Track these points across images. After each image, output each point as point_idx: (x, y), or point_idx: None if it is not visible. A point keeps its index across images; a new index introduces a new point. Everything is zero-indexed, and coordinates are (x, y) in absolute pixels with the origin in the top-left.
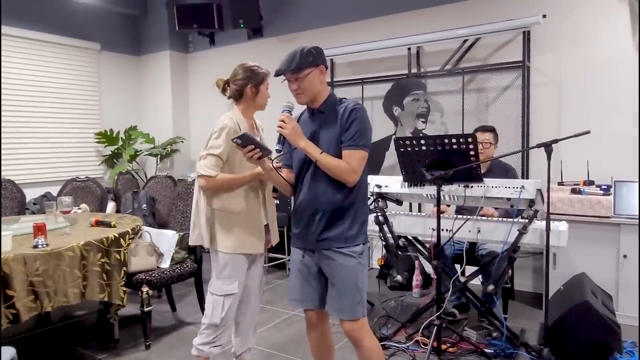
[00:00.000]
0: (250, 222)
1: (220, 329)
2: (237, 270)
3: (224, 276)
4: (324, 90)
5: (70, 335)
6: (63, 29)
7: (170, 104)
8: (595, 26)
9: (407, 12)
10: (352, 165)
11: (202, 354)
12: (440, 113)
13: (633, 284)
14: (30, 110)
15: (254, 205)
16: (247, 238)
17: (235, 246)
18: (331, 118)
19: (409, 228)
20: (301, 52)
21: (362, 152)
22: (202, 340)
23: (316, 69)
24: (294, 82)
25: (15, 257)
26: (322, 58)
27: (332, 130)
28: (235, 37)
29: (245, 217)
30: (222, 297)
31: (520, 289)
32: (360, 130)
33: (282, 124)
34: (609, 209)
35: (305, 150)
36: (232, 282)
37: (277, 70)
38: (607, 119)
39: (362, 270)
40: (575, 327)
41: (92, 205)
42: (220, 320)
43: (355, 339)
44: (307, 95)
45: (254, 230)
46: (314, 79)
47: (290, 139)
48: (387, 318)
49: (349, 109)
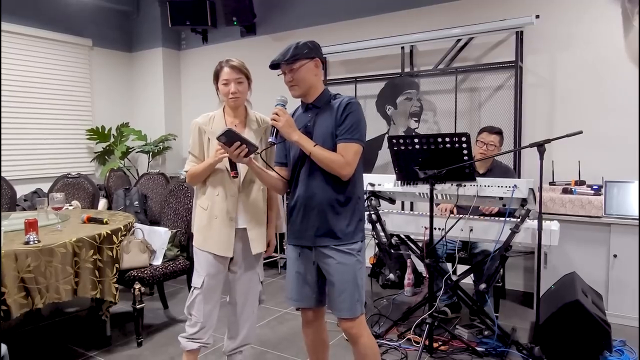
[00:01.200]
0: (213, 220)
1: (195, 326)
2: (202, 265)
3: (195, 268)
4: (318, 84)
5: (62, 332)
6: (55, 24)
7: (163, 101)
8: (587, 27)
9: (401, 11)
10: (347, 158)
11: (181, 346)
12: (433, 112)
13: (623, 284)
14: (21, 106)
15: (221, 204)
16: (210, 236)
17: (199, 242)
18: (325, 112)
19: (402, 226)
20: (297, 44)
21: (356, 146)
22: (183, 334)
23: (311, 61)
24: (288, 73)
25: (6, 254)
26: (317, 52)
27: (326, 125)
28: (228, 35)
29: (209, 214)
30: (192, 287)
31: (512, 288)
32: (355, 123)
33: (275, 117)
34: (600, 209)
35: (298, 143)
36: (199, 277)
37: (272, 61)
38: (599, 120)
39: (360, 267)
40: (565, 326)
41: (84, 202)
42: (186, 309)
43: (354, 336)
44: (301, 87)
45: (217, 230)
46: (309, 71)
47: (283, 132)
48: (379, 316)
49: (343, 103)
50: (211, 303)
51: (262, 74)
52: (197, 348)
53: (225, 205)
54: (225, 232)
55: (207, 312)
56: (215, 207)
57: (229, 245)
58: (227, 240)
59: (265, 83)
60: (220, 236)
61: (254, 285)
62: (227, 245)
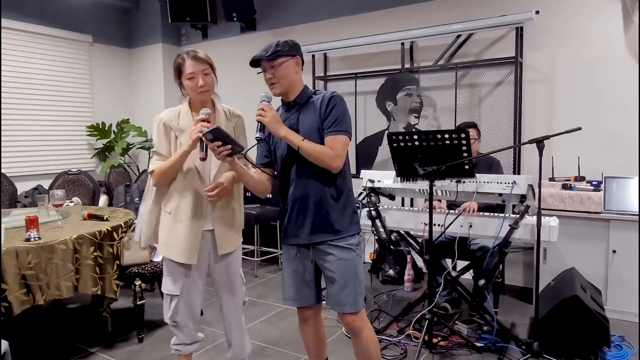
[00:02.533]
0: (177, 225)
1: (183, 330)
2: (173, 273)
3: (165, 274)
4: (298, 82)
5: (63, 329)
6: (54, 20)
7: (163, 97)
8: (587, 23)
9: (401, 7)
10: (337, 150)
11: (179, 353)
12: (433, 108)
13: (622, 279)
14: (22, 103)
15: (188, 206)
16: (173, 243)
17: (162, 250)
18: (308, 109)
19: (401, 223)
20: (277, 42)
21: (344, 137)
22: (176, 341)
23: (292, 59)
24: (269, 70)
25: (7, 251)
26: (297, 50)
27: (311, 120)
28: (228, 31)
29: (173, 218)
30: (168, 296)
31: (511, 283)
32: (341, 115)
33: (261, 112)
34: (599, 205)
35: (286, 138)
36: (173, 283)
37: (252, 57)
38: (598, 116)
39: (360, 261)
40: (564, 321)
41: (84, 198)
42: (169, 319)
43: (357, 329)
44: (282, 85)
45: (181, 236)
46: (289, 68)
47: (270, 128)
48: (379, 312)
49: (327, 97)
50: (193, 302)
51: None
52: (192, 351)
53: (192, 208)
54: (190, 237)
55: (189, 313)
56: (181, 210)
57: (193, 251)
58: (192, 246)
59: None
60: (185, 242)
61: (235, 287)
62: (191, 252)
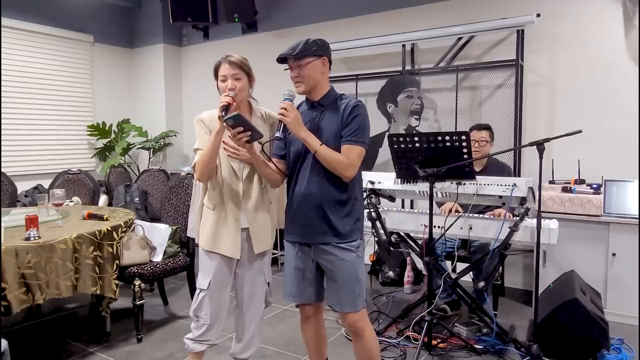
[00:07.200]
0: (220, 220)
1: (202, 327)
2: (209, 267)
3: (200, 269)
4: (324, 83)
5: (62, 328)
6: (56, 20)
7: (164, 97)
8: (588, 26)
9: (402, 9)
10: (351, 160)
11: (187, 349)
12: (433, 110)
13: (621, 282)
14: (22, 102)
15: (227, 204)
16: (219, 237)
17: (206, 243)
18: (332, 112)
19: (401, 224)
20: (306, 41)
21: (360, 148)
22: (189, 335)
23: (318, 59)
24: (295, 68)
25: (6, 250)
26: (326, 50)
27: (332, 124)
28: (229, 32)
29: (217, 214)
30: (198, 290)
31: (511, 286)
32: (361, 127)
33: (283, 112)
34: (599, 208)
35: (305, 140)
36: (205, 278)
37: (280, 55)
38: (599, 119)
39: (360, 262)
40: (564, 324)
41: (84, 198)
42: (192, 312)
43: (359, 329)
44: (306, 85)
45: (224, 230)
46: (315, 68)
47: (291, 128)
48: (379, 314)
49: (350, 105)
50: (219, 302)
51: (264, 71)
52: (204, 350)
53: (231, 206)
54: (234, 232)
55: (214, 312)
56: (222, 207)
57: (237, 245)
58: (236, 241)
59: (267, 80)
60: (230, 237)
61: (259, 287)
62: (236, 246)
